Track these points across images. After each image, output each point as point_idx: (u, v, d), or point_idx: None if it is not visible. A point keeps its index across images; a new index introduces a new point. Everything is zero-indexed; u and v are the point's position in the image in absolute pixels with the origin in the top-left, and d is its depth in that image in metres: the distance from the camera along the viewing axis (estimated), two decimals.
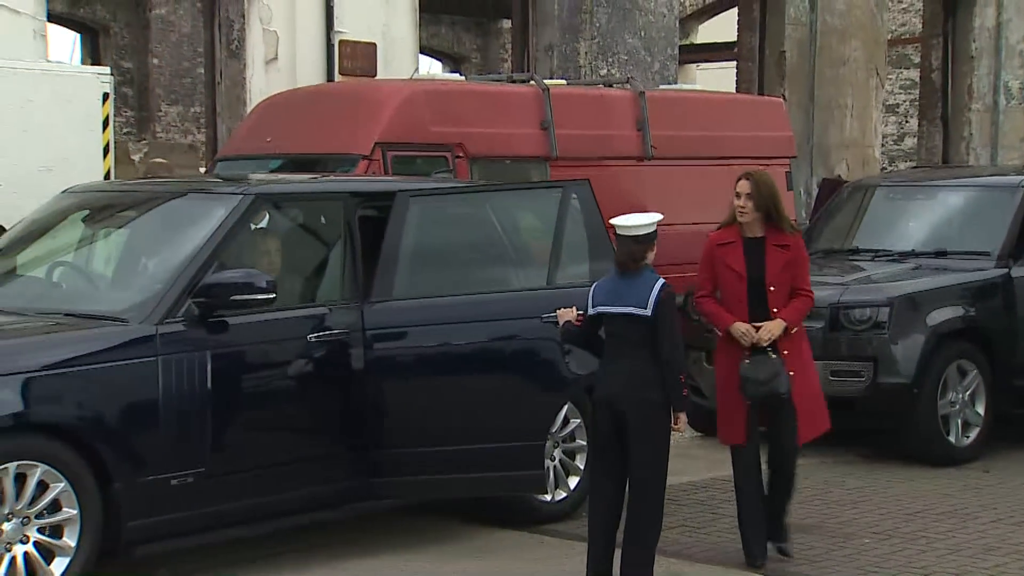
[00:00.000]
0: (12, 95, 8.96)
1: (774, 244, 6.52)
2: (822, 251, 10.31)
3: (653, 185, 10.93)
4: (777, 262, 6.51)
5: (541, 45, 15.32)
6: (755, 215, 6.50)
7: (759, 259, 6.51)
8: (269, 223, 7.09)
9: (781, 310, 6.48)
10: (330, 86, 12.53)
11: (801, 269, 6.64)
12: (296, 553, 6.62)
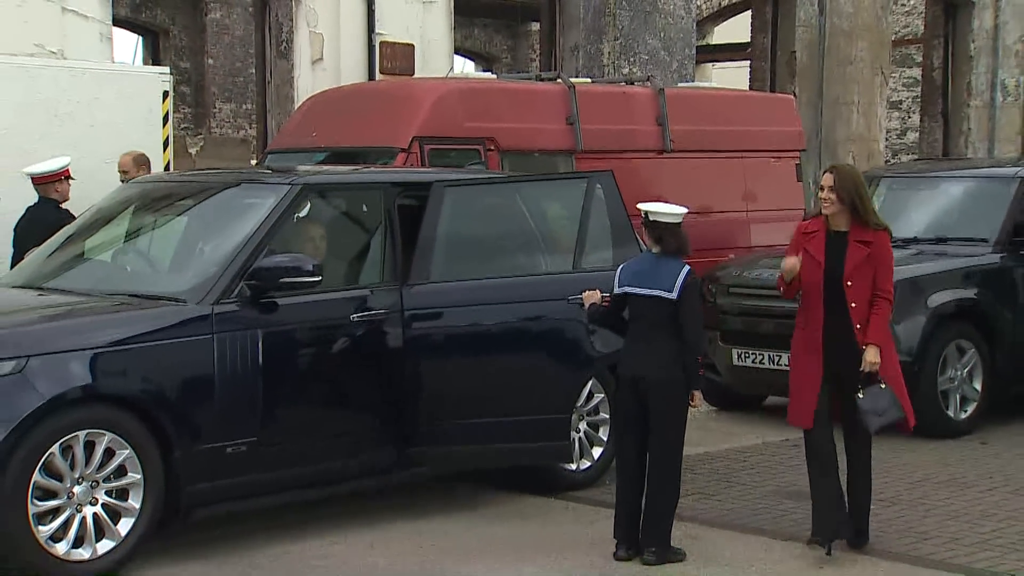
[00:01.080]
0: (81, 93, 9.00)
1: (856, 240, 6.07)
2: None
3: (672, 176, 10.88)
4: (856, 257, 6.05)
5: (567, 46, 15.28)
6: (839, 207, 6.07)
7: (840, 253, 6.07)
8: (315, 211, 7.10)
9: (868, 332, 5.99)
10: (371, 84, 12.52)
11: (883, 268, 6.12)
12: (339, 517, 6.64)
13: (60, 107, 8.80)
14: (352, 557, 6.10)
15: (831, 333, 6.05)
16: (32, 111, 8.65)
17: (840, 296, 6.04)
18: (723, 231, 11.13)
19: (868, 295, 6.05)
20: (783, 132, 12.02)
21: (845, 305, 6.03)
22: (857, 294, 6.04)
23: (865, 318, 6.03)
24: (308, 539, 6.32)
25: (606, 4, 14.86)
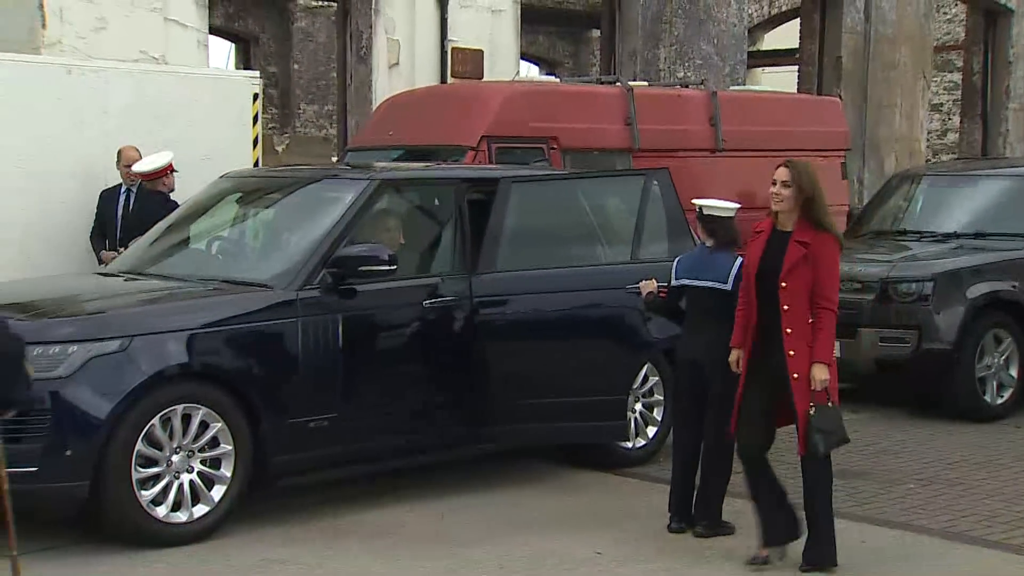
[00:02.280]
0: (180, 95, 9.09)
1: (796, 240, 5.31)
2: (873, 232, 10.16)
3: (723, 173, 10.79)
4: (792, 257, 5.29)
5: (626, 51, 15.17)
6: (792, 204, 5.33)
7: (779, 253, 5.32)
8: (391, 204, 7.12)
9: (815, 350, 5.24)
10: (443, 87, 12.53)
11: (824, 273, 5.29)
12: (412, 489, 6.67)
13: (162, 108, 8.89)
14: (423, 525, 6.12)
15: (769, 343, 5.35)
16: (138, 112, 8.76)
17: (773, 300, 5.30)
18: None
19: (805, 301, 5.26)
20: (829, 132, 11.86)
21: (778, 308, 5.28)
22: (791, 297, 5.27)
23: (799, 324, 5.26)
24: (383, 508, 6.35)
25: (663, 12, 14.74)
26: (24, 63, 8.74)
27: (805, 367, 5.27)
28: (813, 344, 5.26)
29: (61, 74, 8.64)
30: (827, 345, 5.29)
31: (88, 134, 8.58)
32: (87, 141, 8.57)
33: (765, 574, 5.45)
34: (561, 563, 5.55)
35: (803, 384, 5.27)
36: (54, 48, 10.16)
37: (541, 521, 6.20)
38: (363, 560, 5.56)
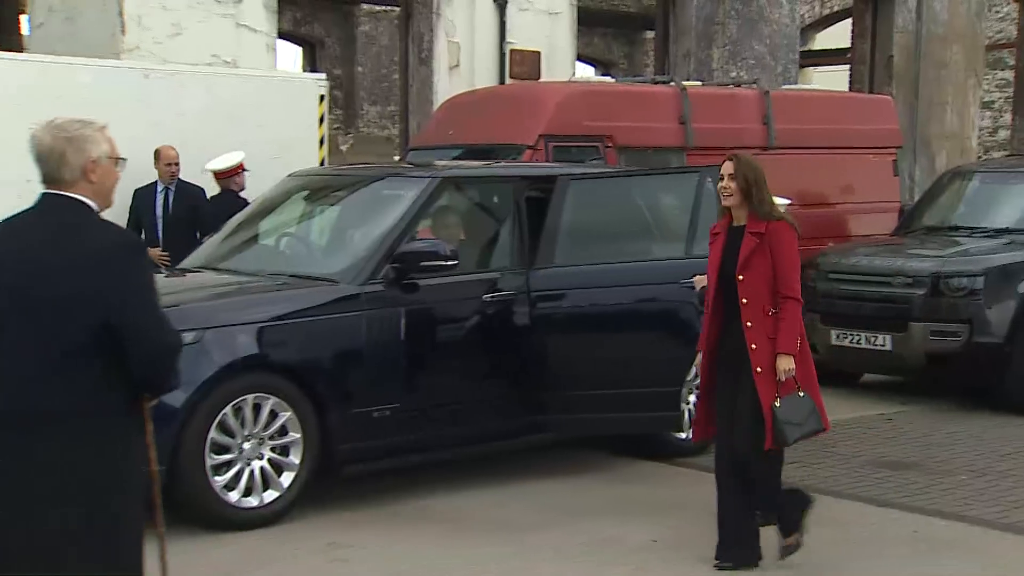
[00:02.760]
0: (251, 97, 9.20)
1: (750, 231, 5.11)
2: (925, 228, 10.02)
3: (775, 171, 10.61)
4: (746, 249, 5.07)
5: (680, 52, 15.08)
6: (739, 198, 5.13)
7: (735, 247, 5.13)
8: (452, 202, 7.14)
9: (778, 341, 5.02)
10: (502, 88, 12.53)
11: (783, 263, 5.05)
12: (471, 477, 6.68)
13: (233, 110, 8.99)
14: (482, 512, 6.13)
15: (730, 339, 5.13)
16: (211, 114, 8.87)
17: (733, 294, 5.10)
18: (823, 221, 10.89)
19: (764, 293, 5.04)
20: (881, 130, 11.69)
21: (736, 303, 5.07)
22: (748, 289, 5.05)
23: (758, 317, 5.04)
24: (445, 496, 6.37)
25: (716, 14, 14.63)
26: (105, 68, 8.89)
27: (767, 360, 5.03)
28: (776, 335, 5.02)
29: (139, 78, 8.78)
30: (790, 335, 5.04)
31: (164, 135, 8.70)
32: (163, 142, 8.69)
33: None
34: (617, 550, 5.54)
35: (765, 377, 5.03)
36: (133, 53, 10.32)
37: (597, 509, 6.18)
38: (425, 545, 5.58)
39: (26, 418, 3.20)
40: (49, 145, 3.31)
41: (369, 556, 5.43)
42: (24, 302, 3.22)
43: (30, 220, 3.33)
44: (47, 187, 3.33)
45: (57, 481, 3.19)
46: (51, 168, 3.31)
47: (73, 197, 3.30)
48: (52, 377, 3.18)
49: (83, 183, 3.30)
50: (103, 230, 3.32)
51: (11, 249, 3.28)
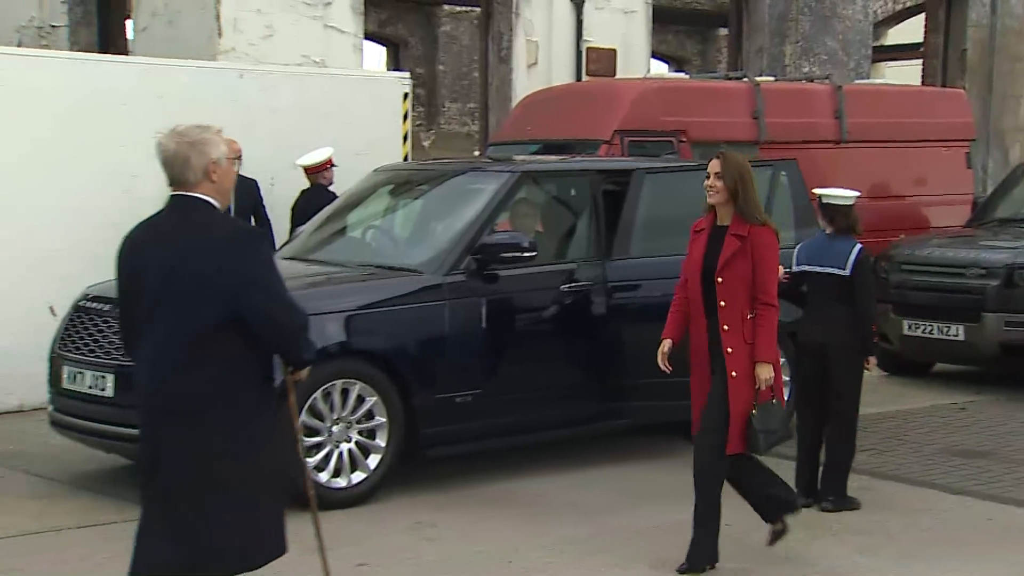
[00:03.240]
0: (338, 95, 9.28)
1: (732, 233, 4.83)
2: (998, 220, 9.78)
3: (848, 164, 10.51)
4: (728, 250, 4.81)
5: (753, 48, 14.89)
6: (725, 196, 4.86)
7: (718, 248, 4.86)
8: (531, 195, 7.12)
9: (757, 349, 4.78)
10: (579, 85, 12.49)
11: (762, 267, 4.79)
12: (551, 461, 6.68)
13: (322, 108, 9.08)
14: (561, 495, 6.12)
15: (709, 341, 4.88)
16: (301, 112, 8.96)
17: (712, 296, 4.85)
18: (896, 213, 10.69)
19: (743, 296, 4.78)
20: (953, 123, 11.45)
21: (715, 305, 4.82)
22: (727, 292, 4.79)
23: (736, 321, 4.79)
24: (525, 479, 6.38)
25: (789, 10, 14.41)
26: (203, 68, 9.03)
27: (742, 365, 4.78)
28: (755, 342, 4.77)
29: (234, 78, 8.90)
30: (770, 342, 4.79)
31: (258, 133, 8.82)
32: (257, 140, 8.81)
33: None
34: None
35: (740, 382, 4.79)
36: (228, 55, 10.47)
37: (672, 493, 6.12)
38: (506, 526, 5.59)
39: (163, 401, 3.40)
40: (174, 150, 3.54)
41: (452, 535, 5.45)
42: (161, 293, 3.43)
43: (162, 220, 3.59)
44: (173, 189, 3.57)
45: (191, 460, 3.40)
46: (176, 171, 3.54)
47: (198, 196, 3.52)
48: (187, 362, 3.39)
49: (206, 183, 3.52)
50: (228, 223, 3.57)
51: (149, 245, 3.53)
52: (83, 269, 7.71)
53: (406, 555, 5.15)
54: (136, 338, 3.54)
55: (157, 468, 3.45)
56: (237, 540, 3.45)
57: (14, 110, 7.89)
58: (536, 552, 5.20)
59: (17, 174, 7.88)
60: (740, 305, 4.80)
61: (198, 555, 3.43)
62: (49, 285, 7.82)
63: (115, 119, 8.28)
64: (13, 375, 7.76)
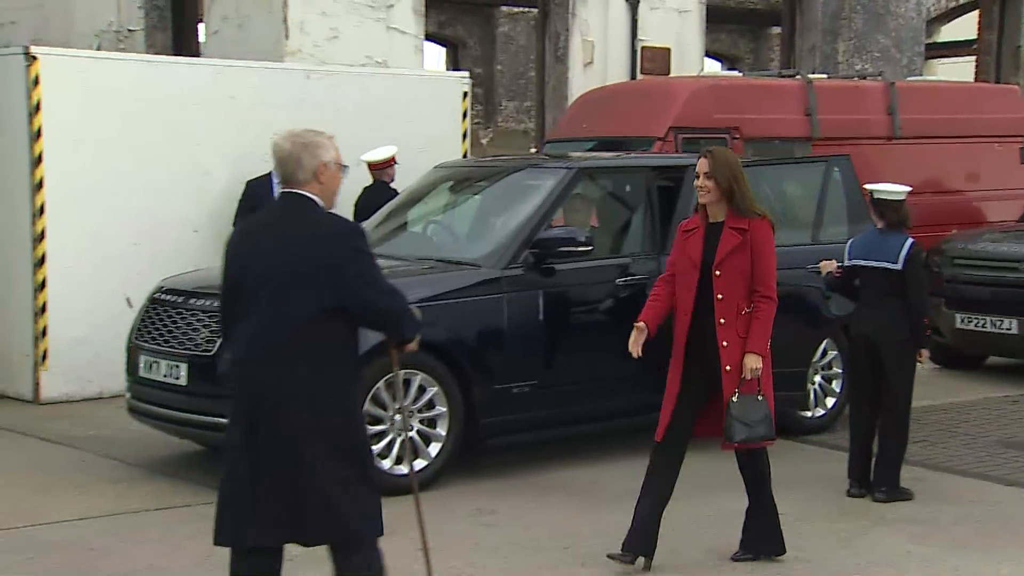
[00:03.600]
0: (401, 94, 9.32)
1: (731, 227, 4.69)
2: None
3: (900, 160, 10.35)
4: (728, 244, 4.67)
5: (805, 47, 14.70)
6: (716, 195, 4.70)
7: (714, 244, 4.71)
8: (587, 191, 7.10)
9: (749, 340, 4.66)
10: (634, 83, 12.43)
11: (761, 260, 4.67)
12: (605, 450, 6.66)
13: (385, 107, 9.12)
14: (617, 483, 6.09)
15: (701, 336, 4.72)
16: (364, 111, 9.01)
17: (709, 289, 4.69)
18: (948, 209, 10.52)
19: (740, 290, 4.66)
20: (1007, 119, 11.23)
21: (712, 297, 4.67)
22: (724, 286, 4.65)
23: (732, 314, 4.66)
24: (581, 467, 6.37)
25: (842, 8, 14.21)
26: (271, 69, 9.12)
27: (736, 358, 4.65)
28: (748, 334, 4.65)
29: (301, 78, 8.98)
30: (763, 335, 4.66)
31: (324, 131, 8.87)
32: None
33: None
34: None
35: (733, 376, 4.66)
36: (295, 56, 10.56)
37: (725, 482, 6.07)
38: (563, 512, 5.59)
39: (268, 382, 3.53)
40: (288, 151, 3.68)
41: (511, 521, 5.46)
42: (269, 284, 3.58)
43: (272, 216, 3.77)
44: (284, 187, 3.71)
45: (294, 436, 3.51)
46: (289, 170, 3.69)
47: (306, 195, 3.66)
48: (293, 346, 3.54)
49: (314, 183, 3.67)
50: (332, 219, 3.71)
51: (258, 239, 3.68)
52: (157, 263, 7.87)
53: (466, 540, 5.17)
54: (236, 325, 3.67)
55: (254, 445, 3.55)
56: (339, 512, 3.55)
57: (93, 110, 8.03)
58: (593, 538, 5.19)
59: (95, 171, 8.03)
60: (737, 299, 4.67)
61: (300, 526, 3.54)
62: (125, 277, 7.97)
63: (188, 118, 8.40)
64: (93, 364, 7.92)
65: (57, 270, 7.90)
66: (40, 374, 7.84)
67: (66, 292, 7.92)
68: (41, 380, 7.84)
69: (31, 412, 7.59)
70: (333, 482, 3.53)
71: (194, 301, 6.12)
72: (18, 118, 7.86)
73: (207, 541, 5.03)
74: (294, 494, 3.52)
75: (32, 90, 7.80)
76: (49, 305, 7.90)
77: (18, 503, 5.60)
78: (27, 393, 7.91)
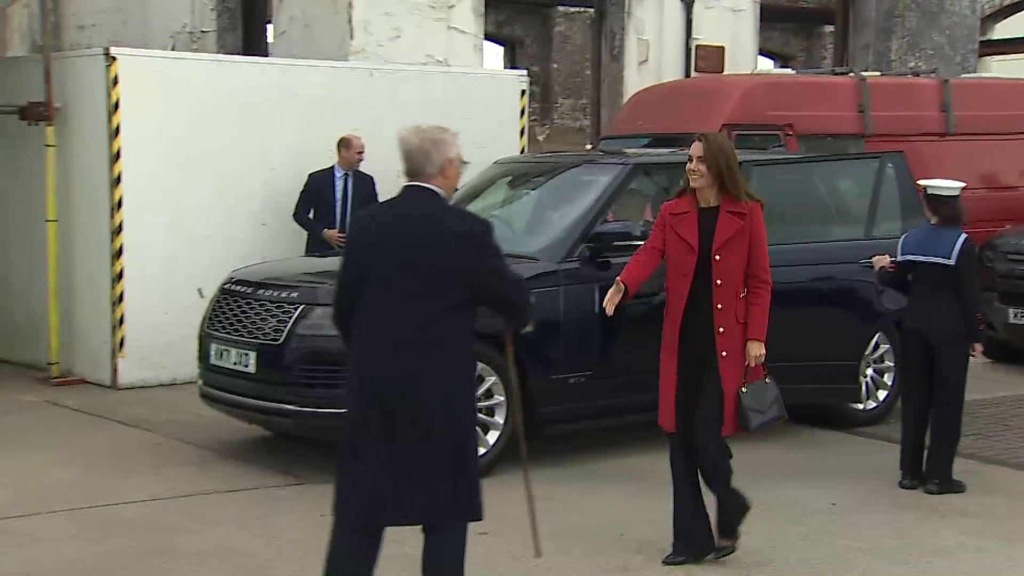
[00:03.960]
0: (461, 92, 9.33)
1: (729, 211, 4.53)
2: None
3: (954, 156, 10.15)
4: (727, 229, 4.51)
5: (858, 45, 14.49)
6: (708, 180, 4.54)
7: (711, 228, 4.54)
8: (643, 186, 7.05)
9: (749, 327, 4.52)
10: (688, 81, 12.33)
11: (757, 245, 4.53)
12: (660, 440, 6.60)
13: (445, 104, 9.13)
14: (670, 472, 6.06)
15: (697, 322, 4.56)
16: (425, 108, 9.01)
17: (708, 274, 4.52)
18: (1002, 204, 10.30)
19: (738, 274, 4.52)
20: None
21: (711, 283, 4.51)
22: (724, 271, 4.50)
23: (730, 300, 4.50)
24: (634, 456, 6.34)
25: (895, 7, 13.97)
26: (336, 68, 9.19)
27: (734, 344, 4.51)
28: (747, 320, 4.51)
29: (365, 77, 9.04)
30: (762, 320, 4.54)
31: (385, 128, 8.90)
32: (384, 135, 8.87)
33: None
34: (799, 511, 5.39)
35: (731, 361, 4.50)
36: (359, 55, 10.63)
37: (780, 473, 6.03)
38: (616, 499, 5.57)
39: (399, 369, 3.60)
40: (417, 145, 3.75)
41: (568, 508, 5.45)
42: (401, 277, 3.63)
43: (397, 206, 3.78)
44: (409, 180, 3.76)
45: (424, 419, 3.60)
46: (417, 164, 3.74)
47: (432, 188, 3.72)
48: (422, 337, 3.62)
49: (439, 177, 3.73)
50: (460, 213, 3.84)
51: (386, 231, 3.70)
52: (227, 254, 7.98)
53: (523, 526, 5.15)
54: (358, 316, 3.71)
55: (385, 433, 3.61)
56: (454, 495, 3.67)
57: (168, 107, 8.16)
58: (647, 526, 5.17)
59: (169, 167, 8.15)
60: (735, 283, 4.53)
61: (426, 507, 3.64)
62: (196, 269, 8.09)
63: (256, 116, 8.49)
64: (166, 351, 8.06)
65: (133, 262, 8.05)
66: (117, 361, 8.00)
67: (142, 283, 8.06)
68: (118, 366, 8.00)
69: (109, 397, 7.74)
70: (452, 467, 3.63)
71: (263, 292, 6.18)
72: (99, 116, 8.01)
73: (275, 522, 5.11)
74: (418, 478, 3.60)
75: (111, 89, 7.94)
76: (126, 295, 8.04)
77: (98, 483, 5.71)
78: (106, 379, 8.07)
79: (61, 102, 8.20)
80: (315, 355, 5.79)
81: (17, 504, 5.33)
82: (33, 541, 4.82)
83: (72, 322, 8.29)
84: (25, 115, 8.23)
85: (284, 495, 5.55)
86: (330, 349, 5.72)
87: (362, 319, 3.69)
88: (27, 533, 4.92)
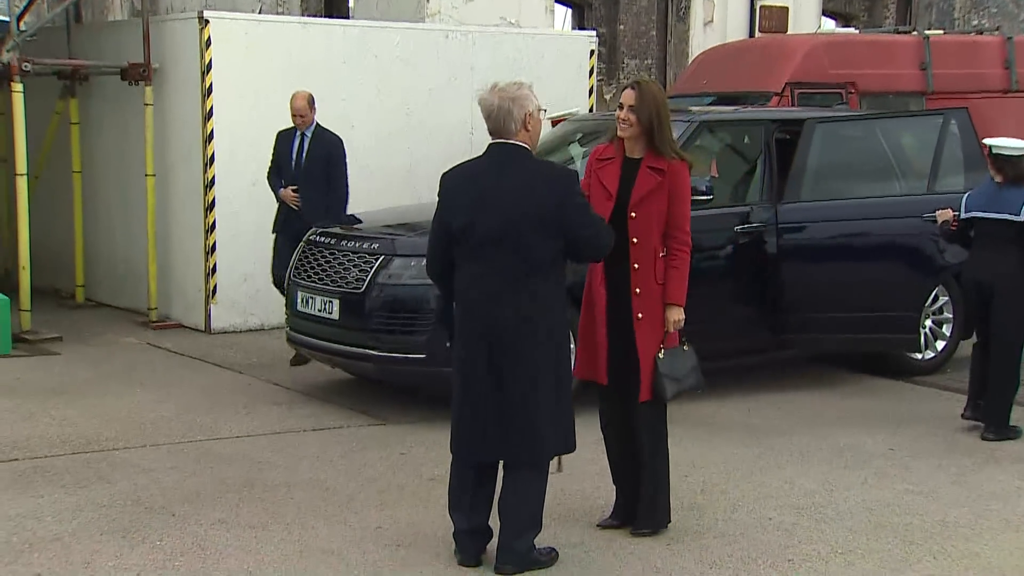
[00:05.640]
0: (532, 52, 9.26)
1: (649, 166, 4.08)
2: None
3: (1016, 113, 9.79)
4: (645, 185, 4.06)
5: (922, 3, 14.02)
6: (637, 130, 4.07)
7: (630, 181, 4.09)
8: (708, 142, 6.93)
9: (667, 290, 4.07)
10: (752, 41, 12.06)
11: (677, 203, 4.06)
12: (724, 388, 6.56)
13: (516, 64, 9.07)
14: (734, 418, 6.04)
15: (616, 280, 4.10)
16: (497, 68, 8.96)
17: (624, 230, 4.04)
18: None
19: (655, 233, 4.05)
20: None
21: (627, 239, 4.03)
22: (640, 228, 4.04)
23: (647, 260, 4.06)
24: (701, 402, 6.19)
25: None
26: (412, 30, 9.15)
27: (650, 307, 4.07)
28: (665, 283, 4.07)
29: (440, 38, 8.99)
30: (681, 284, 4.09)
31: (460, 88, 8.89)
32: (459, 95, 8.89)
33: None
34: (857, 456, 5.32)
35: (646, 325, 4.06)
36: (435, 17, 10.58)
37: (838, 419, 5.95)
38: (683, 443, 5.54)
39: (503, 319, 3.68)
40: (497, 104, 3.77)
41: None
42: (501, 230, 3.69)
43: (486, 164, 3.81)
44: (494, 138, 3.79)
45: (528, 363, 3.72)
46: (499, 123, 3.77)
47: (519, 144, 3.75)
48: (521, 290, 3.70)
49: (522, 132, 3.75)
50: (546, 165, 3.86)
51: (479, 187, 3.73)
52: None
53: (592, 465, 5.18)
54: (449, 265, 3.81)
55: (494, 376, 3.74)
56: (558, 429, 3.79)
57: (255, 67, 8.22)
58: (710, 468, 5.15)
59: (257, 124, 8.21)
60: (653, 242, 4.06)
61: (529, 443, 3.76)
62: None
63: (337, 75, 8.51)
64: (255, 299, 8.20)
65: (224, 214, 8.17)
66: (210, 307, 8.16)
67: (232, 234, 8.18)
68: (211, 313, 8.16)
69: (203, 341, 7.91)
70: (550, 407, 3.74)
71: (345, 243, 6.23)
72: (193, 76, 8.10)
73: (358, 459, 5.19)
74: (520, 416, 3.72)
75: (204, 51, 8.01)
76: (217, 246, 8.18)
77: (194, 420, 5.85)
78: (200, 324, 8.24)
79: (158, 63, 8.30)
80: (394, 303, 5.82)
81: (123, 437, 5.49)
82: (140, 471, 4.96)
83: (169, 271, 8.47)
84: (126, 76, 8.35)
85: (365, 434, 5.62)
86: (408, 298, 5.78)
87: (464, 272, 3.76)
88: (133, 463, 5.07)
